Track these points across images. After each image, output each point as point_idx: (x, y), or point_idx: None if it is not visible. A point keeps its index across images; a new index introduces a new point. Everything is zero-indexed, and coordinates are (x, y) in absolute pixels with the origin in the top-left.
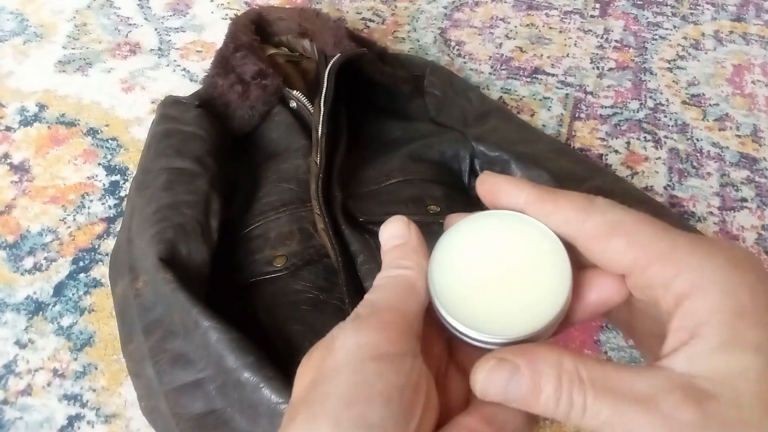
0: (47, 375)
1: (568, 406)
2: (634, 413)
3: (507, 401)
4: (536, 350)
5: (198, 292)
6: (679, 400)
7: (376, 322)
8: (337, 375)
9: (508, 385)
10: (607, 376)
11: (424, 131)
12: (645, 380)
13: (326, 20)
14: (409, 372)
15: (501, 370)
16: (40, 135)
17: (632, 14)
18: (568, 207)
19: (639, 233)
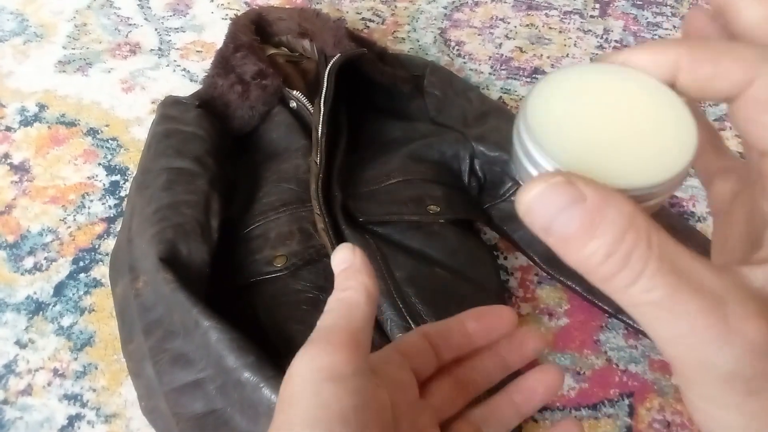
0: (47, 375)
1: (618, 267)
2: (695, 305)
3: (547, 231)
4: (612, 192)
5: (198, 292)
6: (751, 313)
7: (328, 345)
8: (296, 402)
9: (561, 212)
10: (680, 255)
11: (424, 131)
12: (720, 279)
13: (326, 20)
14: (361, 391)
15: (563, 191)
16: (41, 135)
17: (632, 14)
18: (733, 68)
19: None
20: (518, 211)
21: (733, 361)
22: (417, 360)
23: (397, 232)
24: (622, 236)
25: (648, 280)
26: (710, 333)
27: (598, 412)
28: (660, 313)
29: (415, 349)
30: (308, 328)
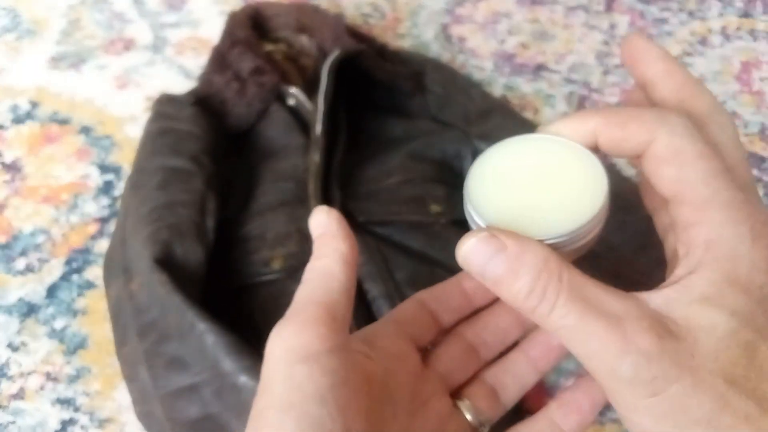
0: (40, 378)
1: (538, 300)
2: (599, 325)
3: (483, 277)
4: (528, 241)
5: (194, 294)
6: (644, 327)
7: (301, 322)
8: (270, 385)
9: (489, 261)
10: (586, 287)
11: (425, 129)
12: (619, 302)
13: (325, 16)
14: (338, 368)
15: (489, 243)
16: (33, 133)
17: (638, 10)
18: (637, 131)
19: (691, 168)
20: (458, 261)
21: (632, 368)
22: (413, 328)
23: (397, 233)
24: (539, 275)
25: (561, 308)
26: (613, 347)
27: (603, 417)
28: (575, 335)
29: (411, 317)
30: None
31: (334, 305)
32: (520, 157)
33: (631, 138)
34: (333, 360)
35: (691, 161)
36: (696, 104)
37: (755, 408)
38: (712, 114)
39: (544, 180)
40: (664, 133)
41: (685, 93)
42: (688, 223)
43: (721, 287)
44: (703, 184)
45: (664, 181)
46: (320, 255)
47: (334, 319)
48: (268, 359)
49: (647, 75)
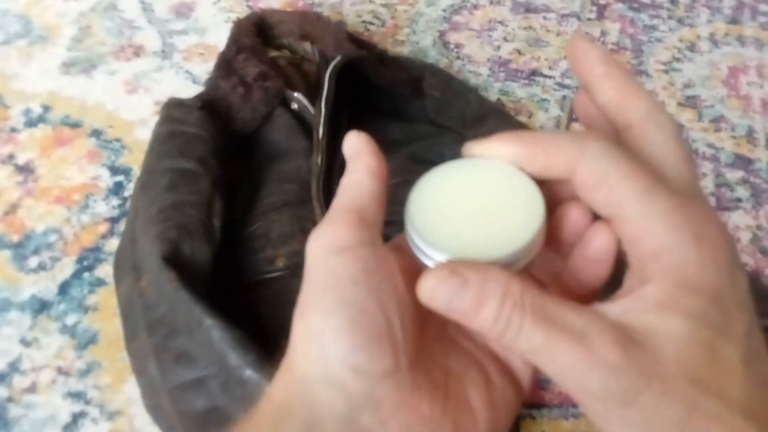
0: (52, 373)
1: (504, 326)
2: (565, 344)
3: (448, 312)
4: (487, 269)
5: (201, 291)
6: (608, 341)
7: (335, 223)
8: (312, 276)
9: (453, 297)
10: (548, 306)
11: (423, 132)
12: (581, 318)
13: (327, 23)
14: (367, 257)
15: (450, 281)
16: (45, 136)
17: (629, 17)
18: (560, 160)
19: (620, 190)
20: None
21: (601, 382)
22: None
23: (397, 232)
24: (503, 302)
25: (527, 331)
26: (580, 363)
27: None
28: (543, 355)
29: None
30: None
31: (364, 210)
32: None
33: (553, 166)
34: (364, 250)
35: (618, 183)
36: (634, 105)
37: (723, 407)
38: (651, 113)
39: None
40: (586, 161)
41: (623, 95)
42: (632, 239)
43: (673, 293)
44: (635, 201)
45: (598, 206)
46: (351, 170)
47: (364, 221)
48: (308, 256)
49: (588, 77)
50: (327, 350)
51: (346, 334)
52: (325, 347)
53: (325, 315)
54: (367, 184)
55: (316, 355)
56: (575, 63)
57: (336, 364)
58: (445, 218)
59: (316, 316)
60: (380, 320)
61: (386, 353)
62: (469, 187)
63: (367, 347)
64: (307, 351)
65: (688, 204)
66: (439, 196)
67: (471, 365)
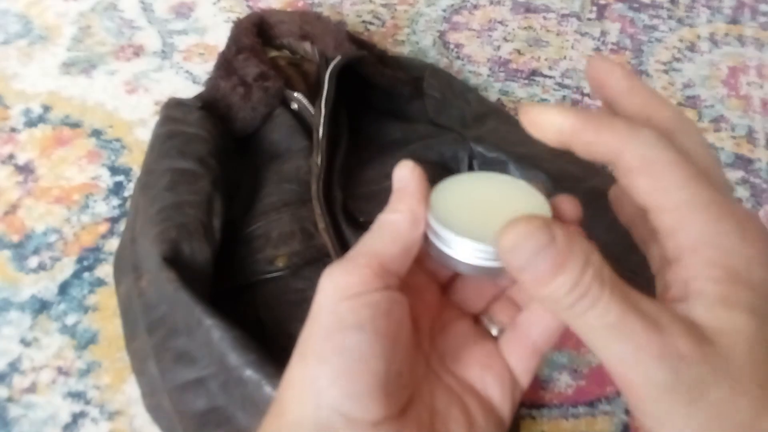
0: (52, 373)
1: (580, 296)
2: (640, 326)
3: (524, 270)
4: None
5: (201, 291)
6: (682, 332)
7: (353, 266)
8: (317, 317)
9: (536, 255)
10: (625, 287)
11: (423, 132)
12: (656, 307)
13: (327, 23)
14: (378, 302)
15: (539, 236)
16: (45, 136)
17: (629, 17)
18: (610, 139)
19: (665, 177)
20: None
21: (671, 372)
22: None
23: None
24: (584, 270)
25: (604, 305)
26: (651, 348)
27: (595, 409)
28: (612, 334)
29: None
30: None
31: (390, 258)
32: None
33: (602, 144)
34: (376, 296)
35: (664, 169)
36: (662, 116)
37: None
38: (678, 124)
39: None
40: (634, 144)
41: (650, 107)
42: (672, 230)
43: (730, 287)
44: (679, 189)
45: (640, 192)
46: (393, 209)
47: (387, 271)
48: (318, 294)
49: (613, 94)
50: (320, 397)
51: (342, 382)
52: (319, 393)
53: (323, 361)
54: (404, 231)
55: (309, 400)
56: (598, 81)
57: (328, 410)
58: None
59: (314, 362)
60: (379, 370)
61: (379, 404)
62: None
63: (361, 397)
64: (300, 395)
65: (729, 200)
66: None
67: (454, 403)
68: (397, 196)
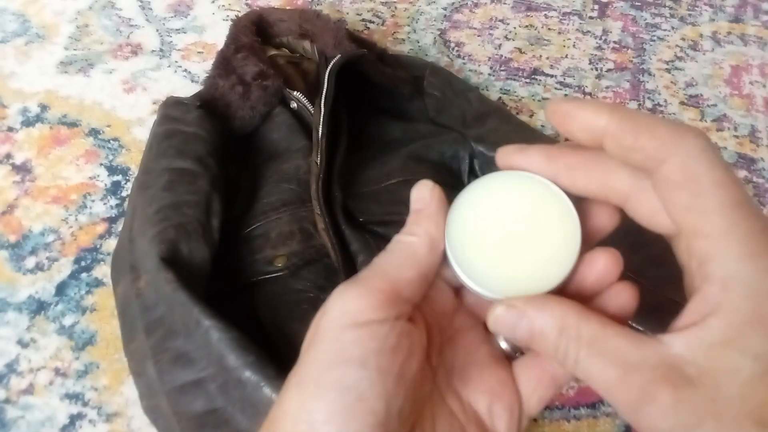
0: (49, 374)
1: (563, 356)
2: (616, 377)
3: (515, 340)
4: (544, 302)
5: (199, 292)
6: (659, 377)
7: (364, 289)
8: (320, 343)
9: (515, 327)
10: (606, 338)
11: (423, 132)
12: (637, 350)
13: (327, 21)
14: (386, 335)
15: (510, 314)
16: (42, 135)
17: (630, 15)
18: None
19: (706, 198)
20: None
21: (650, 419)
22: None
23: (396, 232)
24: (560, 335)
25: (583, 362)
26: (629, 397)
27: (597, 411)
28: (599, 384)
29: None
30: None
31: (405, 284)
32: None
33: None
34: (384, 328)
35: (708, 189)
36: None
37: None
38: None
39: (519, 228)
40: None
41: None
42: (704, 257)
43: (742, 329)
44: (720, 215)
45: (676, 208)
46: (411, 231)
47: (398, 297)
48: (323, 316)
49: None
50: (315, 431)
51: (339, 419)
52: (313, 427)
53: (321, 395)
54: (420, 256)
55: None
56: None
57: None
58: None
59: (311, 393)
60: (379, 409)
61: None
62: (504, 207)
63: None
64: (294, 426)
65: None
66: (475, 218)
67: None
68: (414, 218)
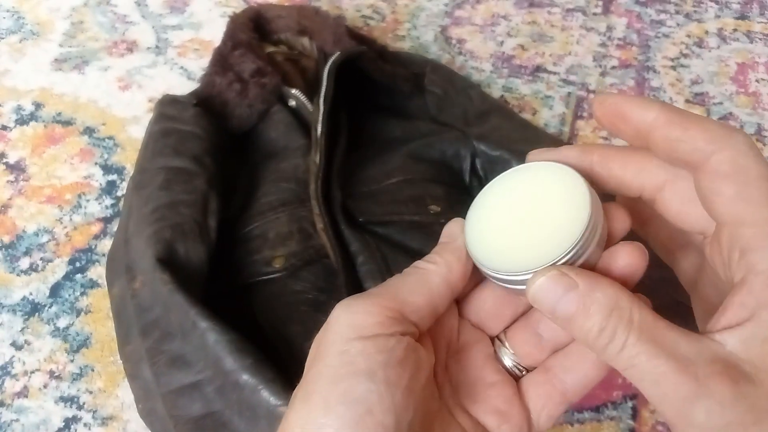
0: (43, 377)
1: (608, 339)
2: (669, 369)
3: (553, 315)
4: (598, 278)
5: (196, 293)
6: (717, 371)
7: (373, 305)
8: (326, 354)
9: (560, 300)
10: (657, 327)
11: (424, 130)
12: (691, 344)
13: (326, 18)
14: (393, 348)
15: (559, 282)
16: (36, 134)
17: (635, 12)
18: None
19: (754, 188)
20: (528, 297)
21: (705, 414)
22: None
23: (397, 233)
24: (609, 314)
25: (631, 347)
26: (684, 391)
27: (601, 414)
28: (645, 375)
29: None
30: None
31: (412, 309)
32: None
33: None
34: (392, 341)
35: (755, 181)
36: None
37: None
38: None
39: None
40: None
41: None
42: (748, 248)
43: None
44: (767, 205)
45: (722, 198)
46: (431, 260)
47: (405, 318)
48: (328, 329)
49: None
50: None
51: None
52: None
53: (329, 409)
54: (434, 284)
55: None
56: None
57: None
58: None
59: (319, 407)
60: (388, 423)
61: None
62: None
63: None
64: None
65: None
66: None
67: None
68: (438, 249)
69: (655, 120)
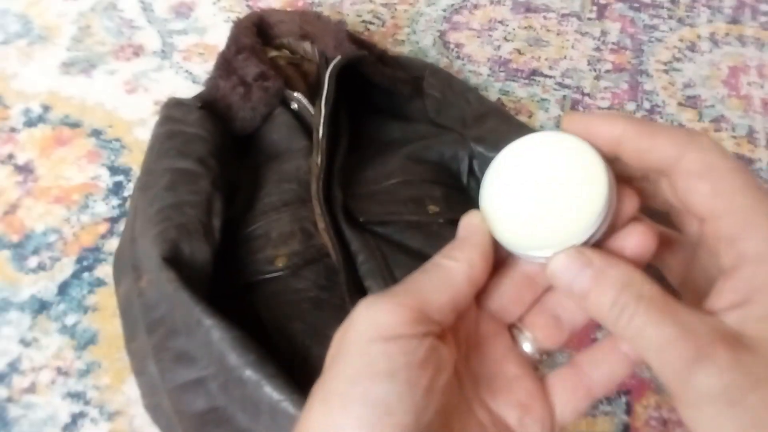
0: (51, 373)
1: (619, 310)
2: (673, 335)
3: (570, 289)
4: (612, 257)
5: (200, 291)
6: (718, 338)
7: (396, 305)
8: (347, 354)
9: (576, 276)
10: (665, 300)
11: (423, 132)
12: (696, 317)
13: (327, 23)
14: (415, 350)
15: (577, 260)
16: (45, 136)
17: (629, 17)
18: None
19: (727, 182)
20: (547, 272)
21: (704, 378)
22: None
23: (397, 232)
24: (621, 291)
25: (641, 317)
26: (686, 355)
27: (596, 409)
28: (651, 343)
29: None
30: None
31: (435, 307)
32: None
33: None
34: (413, 342)
35: (725, 175)
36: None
37: None
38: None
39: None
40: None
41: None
42: (734, 236)
43: None
44: (742, 194)
45: (699, 197)
46: (451, 256)
47: (428, 317)
48: (349, 328)
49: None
50: None
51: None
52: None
53: (348, 409)
54: (456, 282)
55: None
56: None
57: None
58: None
59: (338, 408)
60: (408, 423)
61: None
62: (535, 168)
63: None
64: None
65: None
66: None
67: None
68: (458, 244)
69: (623, 134)
